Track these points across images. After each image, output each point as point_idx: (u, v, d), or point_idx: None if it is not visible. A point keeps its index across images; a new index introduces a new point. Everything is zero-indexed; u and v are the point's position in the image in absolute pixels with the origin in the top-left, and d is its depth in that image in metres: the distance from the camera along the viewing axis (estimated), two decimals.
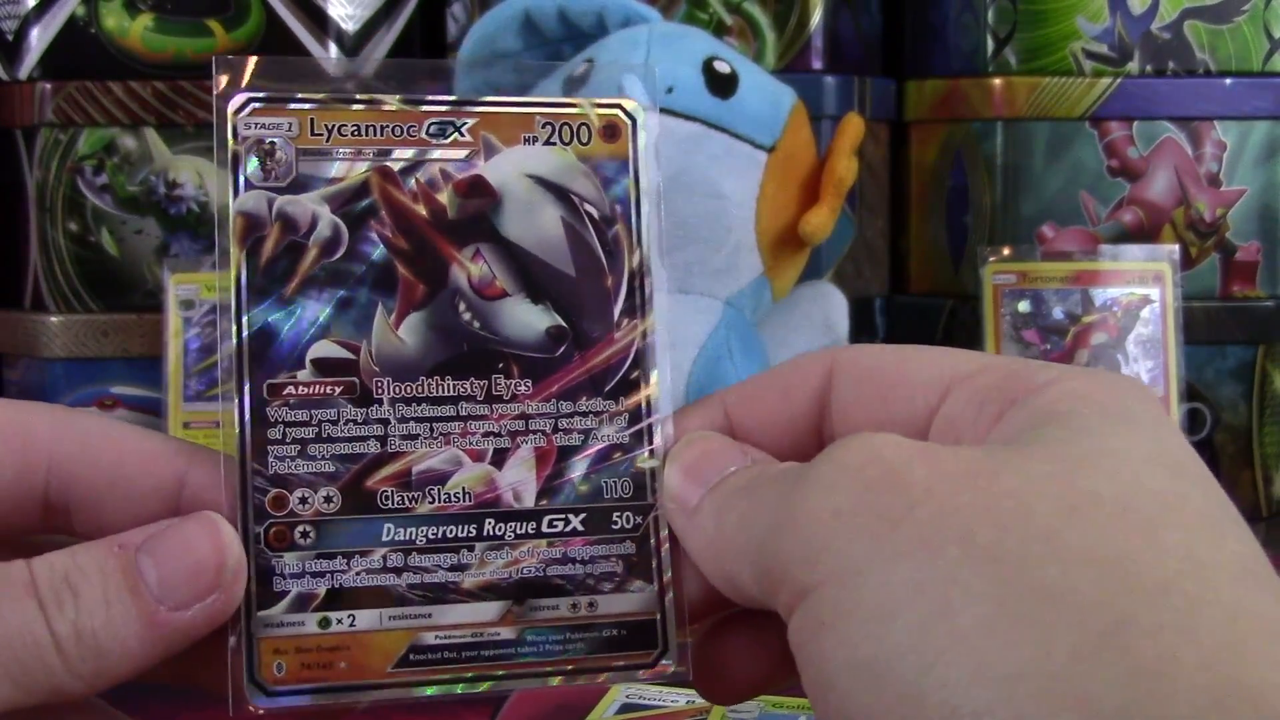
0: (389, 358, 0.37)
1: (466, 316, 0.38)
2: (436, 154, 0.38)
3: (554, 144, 0.39)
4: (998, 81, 0.94)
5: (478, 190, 0.38)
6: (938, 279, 0.99)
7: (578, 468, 0.37)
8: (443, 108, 0.39)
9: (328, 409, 0.37)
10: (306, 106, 0.38)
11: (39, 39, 0.94)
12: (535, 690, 0.57)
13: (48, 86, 0.92)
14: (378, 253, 0.37)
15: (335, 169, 0.38)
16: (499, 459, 0.37)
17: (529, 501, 0.37)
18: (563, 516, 0.37)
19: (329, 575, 0.36)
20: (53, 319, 0.93)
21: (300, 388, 0.37)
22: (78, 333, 0.93)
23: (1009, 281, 0.88)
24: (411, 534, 0.36)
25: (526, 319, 0.38)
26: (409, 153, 0.38)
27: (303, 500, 0.36)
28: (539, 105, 0.39)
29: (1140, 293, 0.88)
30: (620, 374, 0.38)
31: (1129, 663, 0.27)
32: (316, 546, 0.36)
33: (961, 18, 0.97)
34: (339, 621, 0.36)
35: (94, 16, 0.94)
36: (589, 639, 0.37)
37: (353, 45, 0.96)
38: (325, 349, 0.37)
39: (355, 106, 0.38)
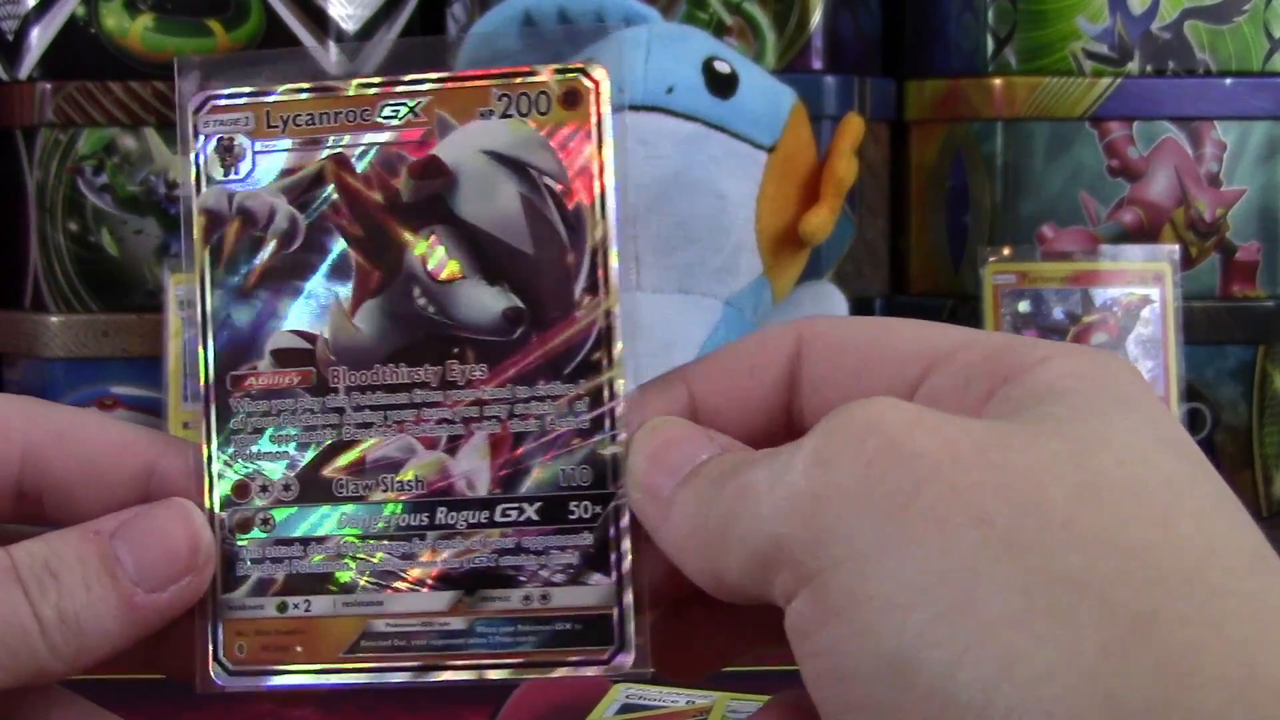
0: (345, 347, 0.37)
1: (421, 302, 0.37)
2: (390, 136, 0.37)
3: (511, 116, 0.37)
4: (998, 81, 0.94)
5: (432, 171, 0.37)
6: (938, 279, 0.99)
7: (534, 455, 0.36)
8: (398, 89, 0.37)
9: (286, 399, 0.37)
10: (262, 100, 0.37)
11: (39, 39, 0.94)
12: (535, 690, 0.58)
13: (48, 86, 0.92)
14: (334, 241, 0.37)
15: (292, 159, 0.37)
16: (452, 447, 0.37)
17: (482, 490, 0.36)
18: (517, 506, 0.36)
19: (287, 561, 0.37)
20: (53, 319, 0.93)
21: (261, 379, 0.37)
22: (78, 333, 0.93)
23: (1009, 281, 0.88)
24: (365, 522, 0.37)
25: (482, 301, 0.37)
26: (364, 137, 0.37)
27: (263, 488, 0.37)
28: (495, 77, 0.37)
29: (1140, 293, 0.88)
30: (580, 355, 0.37)
31: (1156, 658, 0.27)
32: (275, 533, 0.37)
33: (961, 18, 0.97)
34: (295, 606, 0.36)
35: (94, 16, 0.94)
36: (541, 632, 0.36)
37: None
38: (284, 340, 0.37)
39: (308, 95, 0.37)
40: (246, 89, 0.38)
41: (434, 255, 0.37)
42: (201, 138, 0.38)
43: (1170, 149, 0.94)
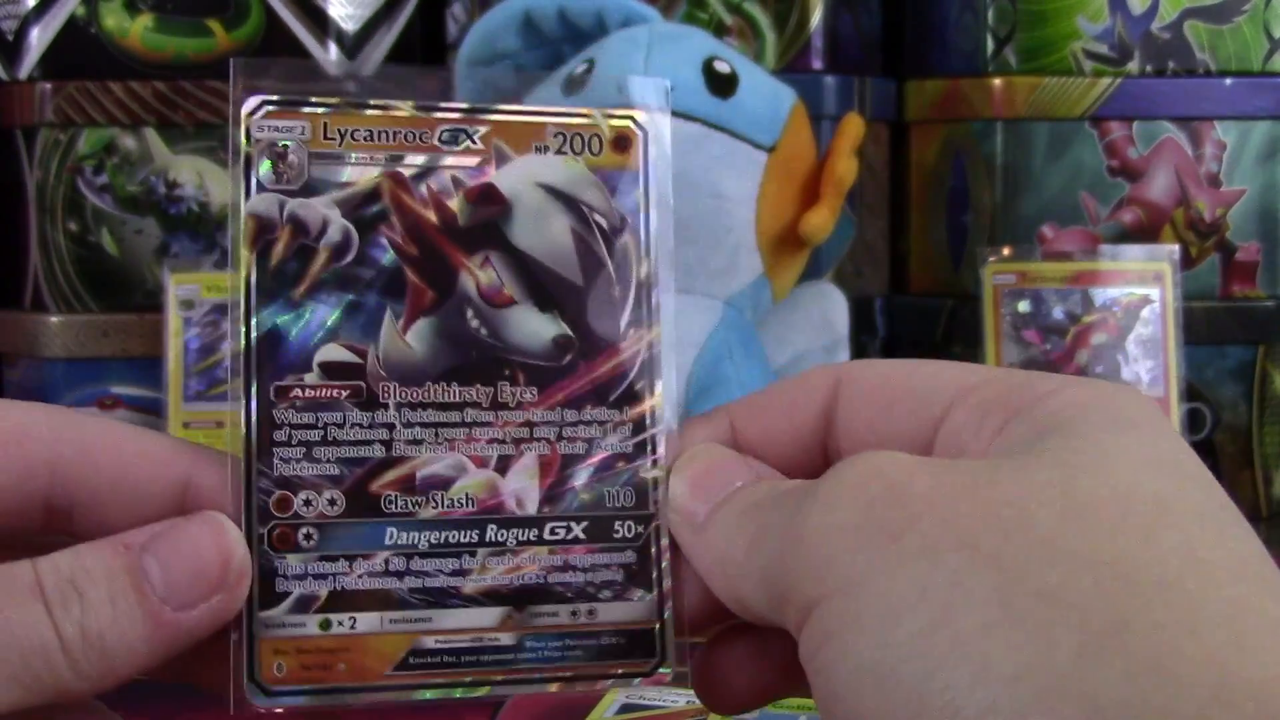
0: (396, 363, 0.37)
1: (474, 324, 0.38)
2: (448, 161, 0.38)
3: (565, 154, 0.39)
4: (998, 81, 0.94)
5: (488, 198, 0.38)
6: (938, 279, 0.99)
7: (581, 476, 0.38)
8: (455, 115, 0.38)
9: (334, 412, 0.37)
10: (320, 110, 0.38)
11: (39, 39, 0.94)
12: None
13: (48, 86, 0.92)
14: (387, 258, 0.37)
15: (347, 173, 0.38)
16: (503, 466, 0.37)
17: (531, 509, 0.37)
18: (565, 524, 0.37)
19: (331, 578, 0.36)
20: (53, 319, 0.93)
21: (307, 390, 0.37)
22: (78, 333, 0.93)
23: (1009, 281, 0.88)
24: (414, 538, 0.37)
25: (533, 327, 0.38)
26: (421, 159, 0.38)
27: (307, 503, 0.36)
28: (552, 115, 0.39)
29: (1140, 293, 0.88)
30: (625, 384, 0.38)
31: (1131, 660, 0.27)
32: (319, 549, 0.36)
33: (961, 18, 0.97)
34: (339, 624, 0.36)
35: (94, 16, 0.94)
36: (588, 646, 0.37)
37: (353, 45, 0.96)
38: (333, 352, 0.37)
39: (368, 112, 0.38)
40: (304, 97, 0.38)
41: (488, 279, 0.38)
42: (254, 142, 0.37)
43: (1170, 149, 0.94)
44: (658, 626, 0.37)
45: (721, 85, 0.79)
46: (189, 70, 0.94)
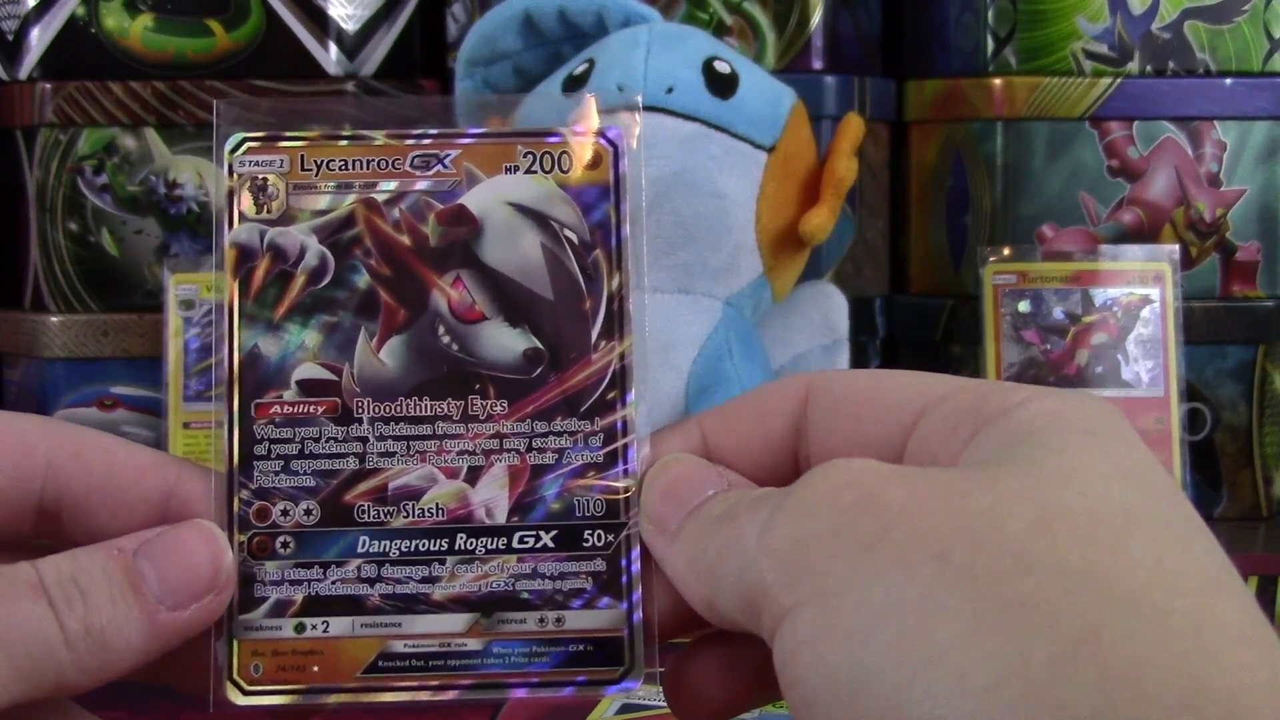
0: (370, 379, 0.39)
1: (445, 339, 0.39)
2: (420, 185, 0.40)
3: (535, 172, 0.40)
4: (998, 81, 0.94)
5: (459, 219, 0.40)
6: (938, 279, 0.99)
7: (551, 486, 0.39)
8: (427, 141, 0.40)
9: (310, 427, 0.39)
10: (297, 144, 0.40)
11: (39, 39, 0.94)
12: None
13: (48, 86, 0.92)
14: (362, 280, 0.39)
15: (323, 201, 0.40)
16: (473, 476, 0.39)
17: (500, 518, 0.38)
18: (534, 533, 0.38)
19: (306, 584, 0.38)
20: (53, 319, 0.93)
21: (286, 407, 0.39)
22: (78, 333, 0.93)
23: (1009, 281, 0.88)
24: (385, 547, 0.38)
25: (504, 341, 0.39)
26: (394, 184, 0.40)
27: (284, 512, 0.38)
28: (520, 136, 0.40)
29: (1140, 293, 0.88)
30: (596, 395, 0.39)
31: (1102, 669, 0.28)
32: (295, 556, 0.38)
33: (961, 18, 0.97)
34: (313, 628, 0.38)
35: (94, 16, 0.94)
36: (555, 653, 0.38)
37: (353, 45, 0.96)
38: (310, 370, 0.39)
39: (342, 143, 0.40)
40: (282, 132, 0.40)
41: (459, 296, 0.39)
42: (236, 176, 0.40)
43: (1170, 149, 0.94)
44: (626, 634, 0.38)
45: (721, 85, 0.79)
46: (189, 70, 0.94)
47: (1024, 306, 0.88)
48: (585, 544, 0.38)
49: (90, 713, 0.38)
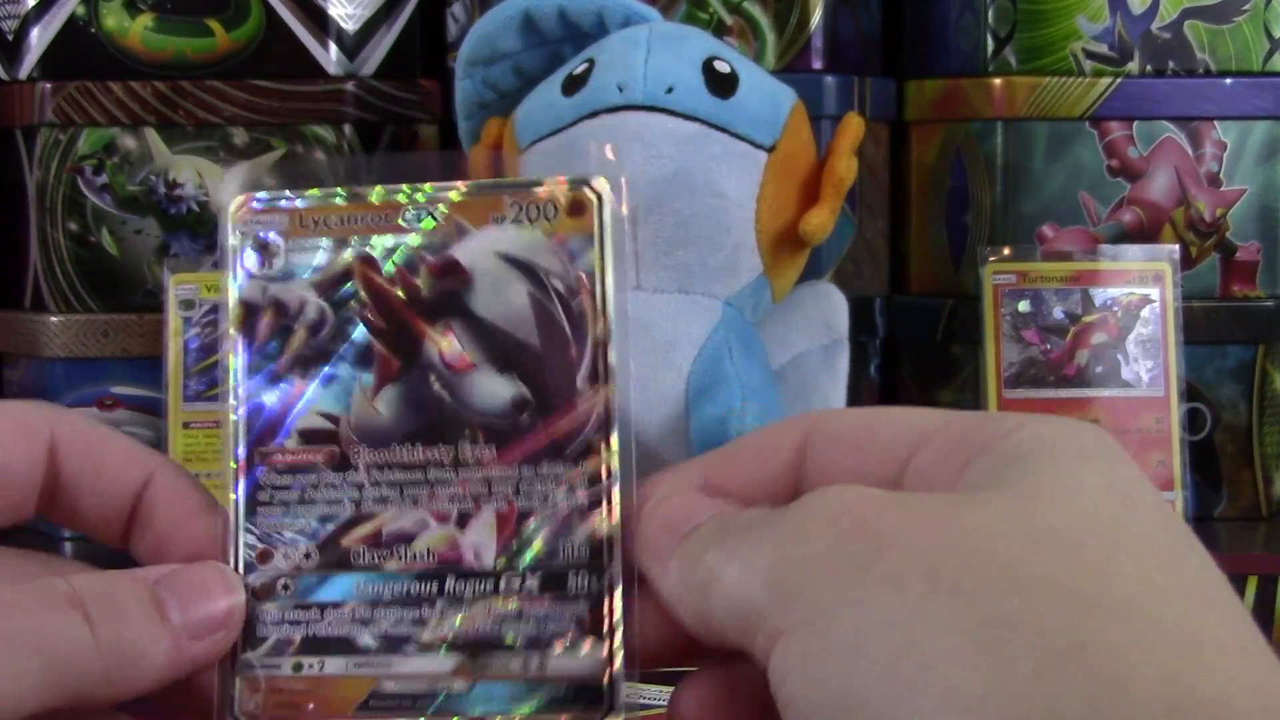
0: (365, 427, 0.41)
1: (437, 388, 0.41)
2: (412, 239, 0.41)
3: (522, 223, 0.41)
4: (998, 81, 0.94)
5: (450, 271, 0.41)
6: (938, 279, 0.99)
7: (537, 530, 0.39)
8: (419, 195, 0.41)
9: (310, 474, 0.40)
10: (298, 204, 0.42)
11: (39, 39, 0.94)
12: None
13: (48, 86, 0.92)
14: (358, 332, 0.41)
15: (322, 258, 0.41)
16: (462, 521, 0.40)
17: (489, 561, 0.39)
18: (520, 576, 0.39)
19: (304, 624, 0.40)
20: (53, 319, 0.93)
21: (287, 455, 0.41)
22: (78, 333, 0.93)
23: (1009, 281, 0.88)
24: (378, 589, 0.40)
25: (492, 389, 0.40)
26: (388, 240, 0.41)
27: (285, 556, 0.40)
28: (508, 187, 0.41)
29: (1140, 293, 0.88)
30: (580, 439, 0.40)
31: (1090, 679, 0.28)
32: (295, 598, 0.40)
33: (961, 18, 0.97)
34: (310, 666, 0.39)
35: (94, 16, 0.94)
36: (538, 695, 0.38)
37: (353, 45, 0.96)
38: (310, 420, 0.41)
39: (338, 200, 0.41)
40: (282, 193, 0.42)
41: (449, 346, 0.41)
42: (240, 234, 0.42)
43: (1170, 149, 0.94)
44: (607, 679, 0.38)
45: (721, 85, 0.79)
46: (189, 70, 0.94)
47: (1024, 306, 0.88)
48: (570, 588, 0.39)
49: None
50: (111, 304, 0.94)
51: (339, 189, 0.42)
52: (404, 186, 0.41)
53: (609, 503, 0.39)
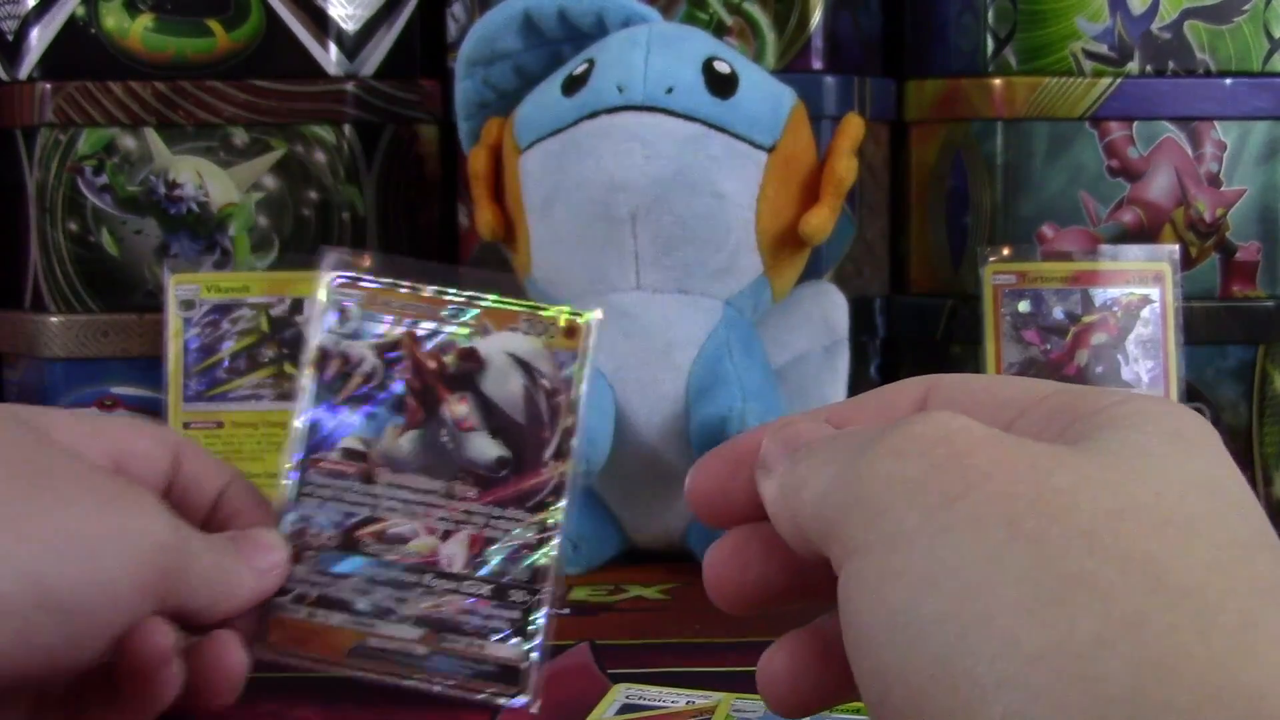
0: (390, 457, 0.55)
1: (445, 439, 0.55)
2: (449, 329, 0.55)
3: (530, 333, 0.55)
4: (998, 81, 0.94)
5: (471, 358, 0.55)
6: (938, 279, 0.99)
7: (496, 554, 0.53)
8: (460, 299, 0.55)
9: (344, 481, 0.55)
10: (372, 286, 0.56)
11: (39, 39, 0.94)
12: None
13: (48, 86, 0.92)
14: (398, 387, 0.55)
15: (382, 329, 0.56)
16: (445, 536, 0.54)
17: (458, 568, 0.53)
18: (476, 584, 0.53)
19: (319, 585, 0.53)
20: (53, 319, 0.93)
21: (330, 464, 0.55)
22: (78, 333, 0.93)
23: (1009, 281, 0.88)
24: (376, 571, 0.54)
25: (484, 448, 0.55)
26: (432, 325, 0.55)
27: (314, 535, 0.54)
28: (525, 307, 0.55)
29: (1140, 293, 0.88)
30: (539, 496, 0.54)
31: (1143, 653, 0.29)
32: (317, 566, 0.54)
33: (961, 18, 0.97)
34: (319, 616, 0.53)
35: (94, 16, 0.94)
36: (474, 668, 0.53)
37: (353, 45, 0.96)
38: (351, 442, 0.55)
39: (402, 290, 0.56)
40: (364, 276, 0.56)
41: (460, 411, 0.55)
42: (329, 300, 0.56)
43: (1170, 149, 0.94)
44: (524, 666, 0.53)
45: (721, 85, 0.79)
46: (189, 70, 0.94)
47: (1024, 306, 0.88)
48: (509, 599, 0.53)
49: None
50: (111, 304, 0.94)
51: (404, 282, 0.56)
52: (451, 290, 0.56)
53: (549, 545, 0.53)
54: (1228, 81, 0.94)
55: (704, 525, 0.44)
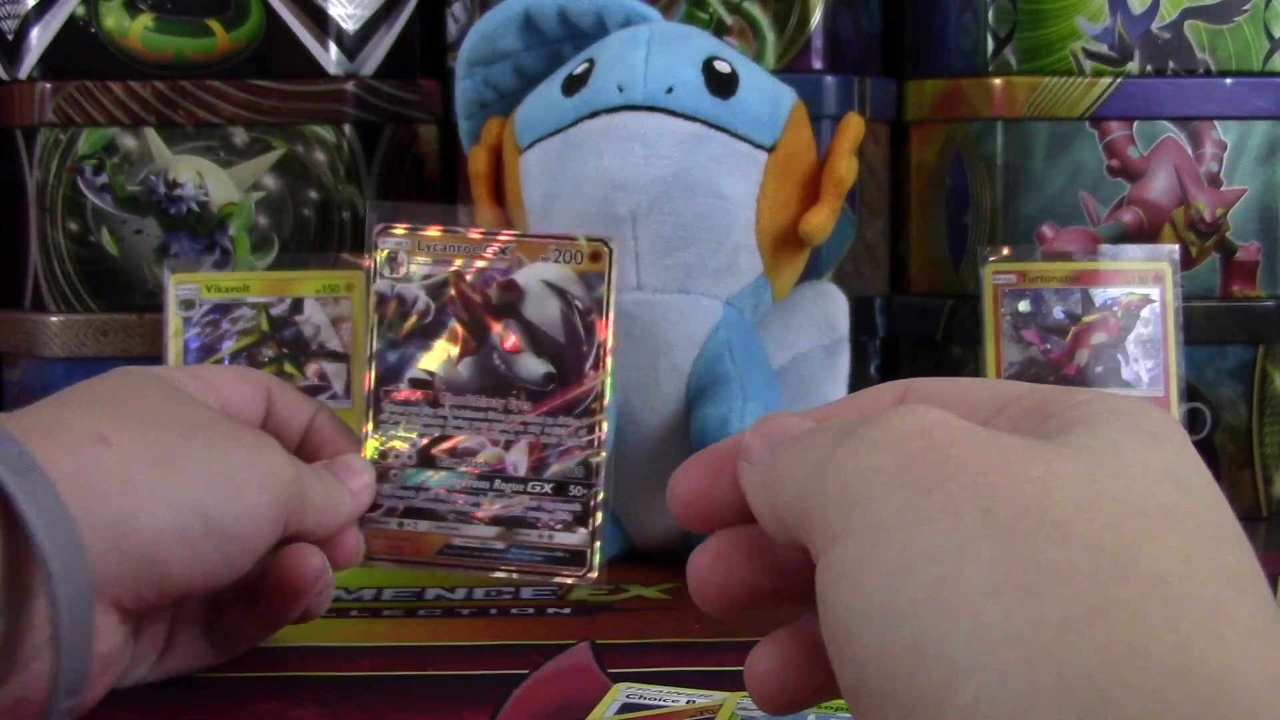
0: (451, 381, 0.64)
1: (497, 361, 0.64)
2: (489, 264, 0.64)
3: (560, 261, 0.64)
4: (998, 81, 0.94)
5: (511, 288, 0.64)
6: (938, 279, 0.99)
7: (553, 456, 0.63)
8: (497, 238, 0.64)
9: (414, 407, 0.64)
10: (415, 233, 0.64)
11: (39, 39, 0.94)
12: (535, 689, 0.58)
13: (48, 86, 0.92)
14: (450, 320, 0.64)
15: (430, 269, 0.64)
16: (508, 445, 0.64)
17: (522, 472, 0.63)
18: (540, 484, 0.63)
19: (404, 498, 0.64)
20: (53, 319, 0.93)
21: (400, 394, 0.64)
22: (78, 333, 0.93)
23: (1009, 281, 0.88)
24: (453, 482, 0.64)
25: (532, 366, 0.64)
26: (475, 263, 0.64)
27: (395, 456, 0.64)
28: (553, 238, 0.64)
29: (1140, 293, 0.88)
30: (585, 403, 0.63)
31: (1111, 637, 0.30)
32: (400, 482, 0.64)
33: (961, 18, 0.97)
34: (407, 524, 0.63)
35: (94, 16, 0.94)
36: (546, 554, 0.63)
37: (353, 45, 0.96)
38: (415, 373, 0.64)
39: (443, 233, 0.64)
40: (407, 225, 0.64)
41: (508, 336, 0.64)
42: (378, 249, 0.64)
43: (1170, 149, 0.94)
44: (589, 550, 0.63)
45: (722, 85, 0.79)
46: (189, 70, 0.94)
47: (1024, 306, 0.88)
48: (570, 492, 0.63)
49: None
50: (111, 304, 0.94)
51: (443, 229, 0.64)
52: (484, 230, 0.64)
53: (599, 443, 0.63)
54: (1228, 81, 0.94)
55: (685, 530, 0.45)
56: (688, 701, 0.55)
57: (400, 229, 0.64)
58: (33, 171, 0.93)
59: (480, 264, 0.64)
